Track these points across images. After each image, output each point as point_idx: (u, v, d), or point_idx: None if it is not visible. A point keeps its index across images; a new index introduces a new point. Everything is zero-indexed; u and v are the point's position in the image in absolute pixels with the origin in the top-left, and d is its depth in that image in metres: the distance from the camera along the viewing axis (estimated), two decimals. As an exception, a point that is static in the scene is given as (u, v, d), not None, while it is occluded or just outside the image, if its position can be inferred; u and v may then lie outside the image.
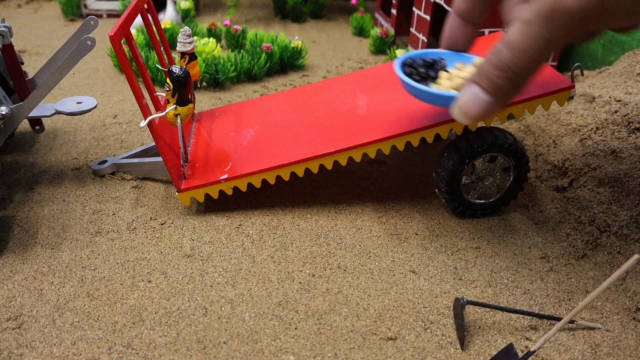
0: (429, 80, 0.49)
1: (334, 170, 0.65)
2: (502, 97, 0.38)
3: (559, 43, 0.35)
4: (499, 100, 0.38)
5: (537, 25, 0.34)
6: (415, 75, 0.49)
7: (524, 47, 0.35)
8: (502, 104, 0.38)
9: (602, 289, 0.37)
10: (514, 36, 0.35)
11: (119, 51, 0.46)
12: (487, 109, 0.38)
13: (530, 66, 0.36)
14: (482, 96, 0.38)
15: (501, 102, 0.38)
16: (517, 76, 0.36)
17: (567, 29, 0.33)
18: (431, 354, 0.41)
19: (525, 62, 0.36)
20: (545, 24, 0.34)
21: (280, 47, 0.92)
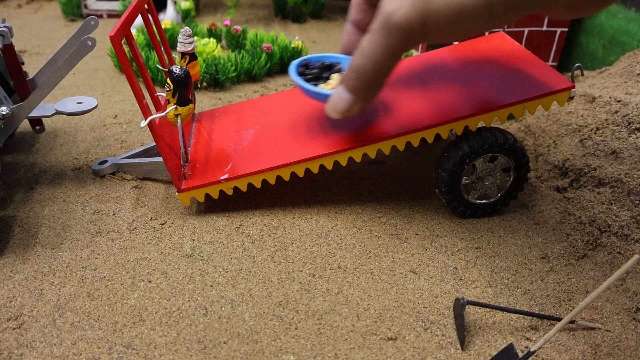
0: (320, 81, 0.54)
1: (334, 170, 0.65)
2: (360, 96, 0.44)
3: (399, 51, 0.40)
4: (358, 99, 0.44)
5: (378, 35, 0.40)
6: (309, 75, 0.55)
7: (370, 54, 0.41)
8: (362, 102, 0.45)
9: (602, 289, 0.37)
10: (364, 43, 0.41)
11: (119, 51, 0.46)
12: (348, 106, 0.45)
13: (378, 70, 0.42)
14: (345, 95, 0.44)
15: (361, 100, 0.44)
16: (369, 78, 0.43)
17: (400, 40, 0.39)
18: (431, 354, 0.41)
19: (373, 66, 0.41)
20: (383, 34, 0.39)
21: (280, 47, 0.92)
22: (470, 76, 0.58)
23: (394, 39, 0.39)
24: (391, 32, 0.39)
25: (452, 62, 0.62)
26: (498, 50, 0.61)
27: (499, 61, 0.59)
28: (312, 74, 0.55)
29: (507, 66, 0.58)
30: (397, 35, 0.39)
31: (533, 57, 0.57)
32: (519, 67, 0.57)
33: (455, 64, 0.62)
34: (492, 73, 0.57)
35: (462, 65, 0.61)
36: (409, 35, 0.38)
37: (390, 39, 0.39)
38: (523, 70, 0.56)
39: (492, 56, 0.61)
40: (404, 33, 0.38)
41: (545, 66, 0.55)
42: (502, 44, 0.62)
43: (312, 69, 0.55)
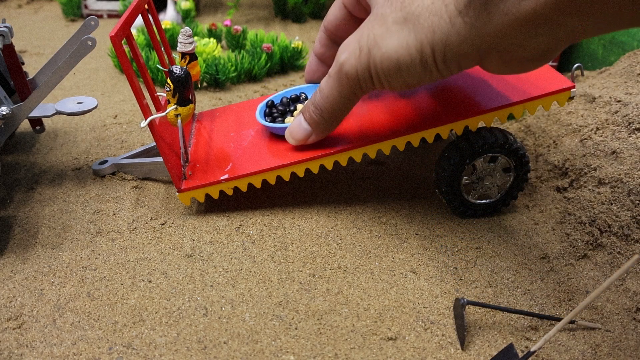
0: (287, 115, 0.59)
1: (334, 170, 0.65)
2: (317, 128, 0.49)
3: (353, 96, 0.44)
4: (315, 130, 0.49)
5: (333, 80, 0.44)
6: (275, 113, 0.59)
7: (327, 95, 0.45)
8: (319, 134, 0.49)
9: (602, 289, 0.37)
10: (323, 83, 0.45)
11: (119, 51, 0.46)
12: (306, 135, 0.49)
13: (334, 110, 0.46)
14: (304, 125, 0.49)
15: (318, 132, 0.49)
16: (327, 115, 0.47)
17: (352, 88, 0.43)
18: (431, 354, 0.41)
19: (330, 106, 0.46)
20: (337, 81, 0.43)
21: (280, 48, 0.92)
22: (470, 76, 0.58)
23: (346, 86, 0.43)
24: (343, 80, 0.42)
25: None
26: (498, 50, 0.61)
27: (499, 61, 0.59)
28: (279, 111, 0.59)
29: (507, 66, 0.57)
30: (349, 83, 0.42)
31: (533, 57, 0.57)
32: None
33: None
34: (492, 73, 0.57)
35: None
36: (360, 84, 0.42)
37: (343, 85, 0.43)
38: (523, 70, 0.56)
39: (492, 56, 0.60)
40: (354, 82, 0.42)
41: (545, 66, 0.55)
42: (502, 44, 0.62)
43: (278, 107, 0.60)
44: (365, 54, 0.40)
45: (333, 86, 0.44)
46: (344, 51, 0.42)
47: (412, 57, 0.39)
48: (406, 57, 0.39)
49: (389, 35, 0.39)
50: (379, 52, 0.40)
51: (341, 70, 0.42)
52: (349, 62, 0.41)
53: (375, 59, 0.40)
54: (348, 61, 0.41)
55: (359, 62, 0.40)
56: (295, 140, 0.50)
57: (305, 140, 0.49)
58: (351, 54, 0.41)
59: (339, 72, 0.42)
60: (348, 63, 0.41)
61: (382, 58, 0.40)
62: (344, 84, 0.42)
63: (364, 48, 0.40)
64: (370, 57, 0.40)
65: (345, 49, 0.42)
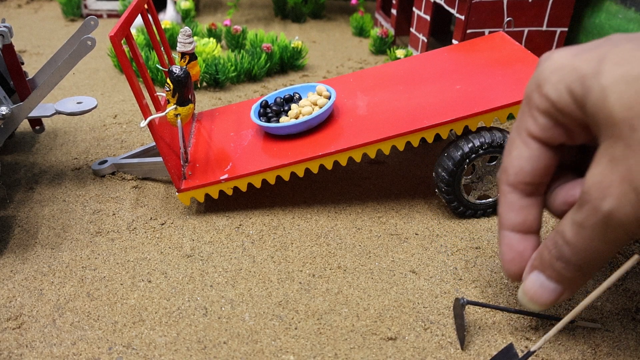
0: (282, 114, 0.59)
1: (334, 170, 0.65)
2: (573, 284, 0.37)
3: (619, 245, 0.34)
4: (570, 287, 0.37)
5: (593, 232, 0.34)
6: (270, 113, 0.59)
7: (586, 249, 0.35)
8: (574, 289, 0.38)
9: (603, 289, 0.36)
10: (570, 236, 0.35)
11: (119, 51, 0.46)
12: (557, 295, 0.38)
13: (600, 261, 0.36)
14: (550, 285, 0.37)
15: (574, 287, 0.37)
16: (588, 269, 0.36)
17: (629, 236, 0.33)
18: (431, 354, 0.41)
19: (593, 260, 0.35)
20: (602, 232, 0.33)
21: (280, 47, 0.92)
22: (470, 76, 0.58)
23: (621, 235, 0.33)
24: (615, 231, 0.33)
25: (452, 62, 0.62)
26: (498, 50, 0.62)
27: (498, 61, 0.59)
28: (273, 112, 0.59)
29: (507, 66, 0.58)
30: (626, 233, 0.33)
31: (533, 57, 0.57)
32: (519, 67, 0.57)
33: (455, 63, 0.62)
34: (492, 73, 0.57)
35: (462, 65, 0.61)
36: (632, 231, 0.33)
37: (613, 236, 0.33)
38: (523, 70, 0.56)
39: (492, 56, 0.61)
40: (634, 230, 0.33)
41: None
42: (502, 44, 0.62)
43: (272, 107, 0.60)
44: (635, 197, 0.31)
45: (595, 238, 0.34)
46: (604, 196, 0.32)
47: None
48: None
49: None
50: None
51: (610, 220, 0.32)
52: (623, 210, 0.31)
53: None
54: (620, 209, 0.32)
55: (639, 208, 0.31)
56: (543, 305, 0.38)
57: (556, 302, 0.38)
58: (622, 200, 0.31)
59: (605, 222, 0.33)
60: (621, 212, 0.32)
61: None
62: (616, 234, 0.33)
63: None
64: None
65: (604, 193, 0.32)
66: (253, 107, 0.60)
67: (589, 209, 0.33)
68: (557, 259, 0.36)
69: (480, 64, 0.60)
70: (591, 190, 0.32)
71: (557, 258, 0.36)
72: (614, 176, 0.31)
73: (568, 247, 0.35)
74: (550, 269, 0.37)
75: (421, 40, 0.89)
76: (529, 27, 0.75)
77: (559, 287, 0.37)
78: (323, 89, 0.60)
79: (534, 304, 0.38)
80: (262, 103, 0.61)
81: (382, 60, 1.00)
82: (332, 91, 0.59)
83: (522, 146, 0.37)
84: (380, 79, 0.63)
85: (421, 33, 0.89)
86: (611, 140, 0.32)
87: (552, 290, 0.37)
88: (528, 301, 0.38)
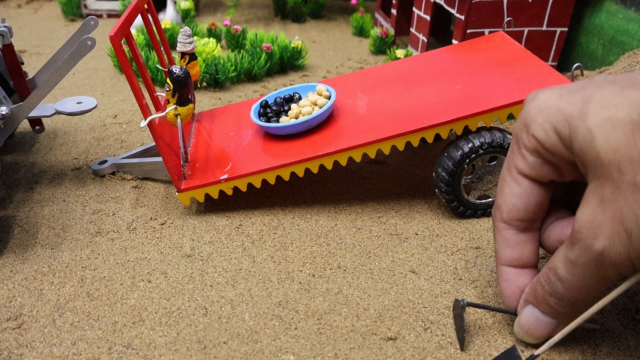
0: (282, 114, 0.59)
1: (334, 170, 0.65)
2: (566, 318, 0.38)
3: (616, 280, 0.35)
4: (563, 320, 0.38)
5: (586, 270, 0.35)
6: (270, 113, 0.60)
7: (578, 285, 0.36)
8: (566, 322, 0.39)
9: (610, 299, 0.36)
10: (563, 273, 0.36)
11: (119, 51, 0.46)
12: (551, 329, 0.39)
13: (592, 297, 0.36)
14: (544, 319, 0.39)
15: (566, 321, 0.38)
16: (582, 305, 0.37)
17: (619, 273, 0.34)
18: (431, 354, 0.41)
19: (585, 296, 0.36)
20: (594, 270, 0.34)
21: (280, 47, 0.92)
22: (470, 76, 0.58)
23: (611, 273, 0.34)
24: (606, 269, 0.34)
25: (452, 62, 0.62)
26: (498, 50, 0.61)
27: (498, 61, 0.59)
28: (273, 112, 0.59)
29: (507, 66, 0.58)
30: (616, 271, 0.34)
31: (533, 57, 0.57)
32: (519, 67, 0.57)
33: (455, 63, 0.62)
34: (492, 73, 0.57)
35: (462, 65, 0.61)
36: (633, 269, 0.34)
37: (605, 273, 0.34)
38: (523, 70, 0.56)
39: (492, 56, 0.61)
40: (625, 268, 0.34)
41: (545, 66, 0.55)
42: (502, 44, 0.62)
43: (272, 107, 0.60)
44: (638, 238, 0.32)
45: (586, 275, 0.35)
46: (596, 236, 0.33)
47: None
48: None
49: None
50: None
51: (602, 259, 0.33)
52: (614, 249, 0.32)
53: None
54: (612, 248, 0.33)
55: (630, 249, 0.32)
56: (538, 338, 0.40)
57: (552, 334, 0.39)
58: (614, 240, 0.32)
59: (597, 261, 0.34)
60: (613, 251, 0.33)
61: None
62: (608, 272, 0.34)
63: (633, 231, 0.32)
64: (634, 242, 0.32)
65: (596, 232, 0.33)
66: (253, 107, 0.60)
67: (581, 247, 0.34)
68: (551, 294, 0.37)
69: (480, 64, 0.60)
70: (582, 230, 0.33)
71: (551, 294, 0.37)
72: (604, 217, 0.33)
73: (561, 283, 0.36)
74: (544, 304, 0.38)
75: (421, 40, 0.89)
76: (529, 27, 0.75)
77: (554, 321, 0.38)
78: (323, 89, 0.60)
79: (530, 337, 0.40)
80: (262, 103, 0.61)
81: (382, 60, 1.00)
82: (332, 91, 0.59)
83: (514, 184, 0.39)
84: (380, 79, 0.63)
85: (421, 33, 0.89)
86: (600, 180, 0.33)
87: (546, 324, 0.39)
88: (524, 335, 0.40)
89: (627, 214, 0.32)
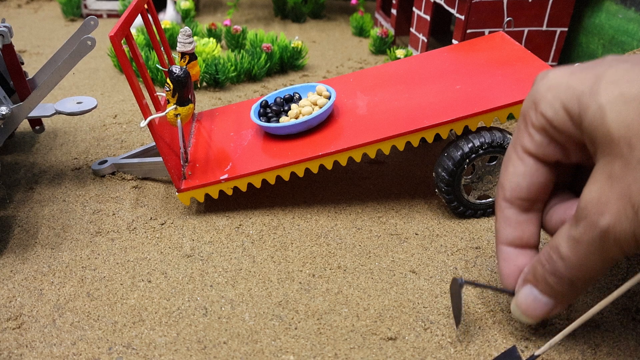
0: (282, 114, 0.59)
1: (334, 170, 0.65)
2: (565, 299, 0.38)
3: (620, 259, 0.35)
4: (561, 301, 0.38)
5: (589, 247, 0.34)
6: (270, 113, 0.60)
7: (580, 264, 0.35)
8: (565, 303, 0.38)
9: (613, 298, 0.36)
10: (566, 251, 0.35)
11: (119, 51, 0.46)
12: (548, 310, 0.38)
13: (593, 277, 0.36)
14: (542, 299, 0.38)
15: (565, 302, 0.38)
16: (581, 285, 0.36)
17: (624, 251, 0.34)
18: (431, 354, 0.41)
19: (586, 275, 0.36)
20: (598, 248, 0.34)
21: (280, 47, 0.92)
22: (470, 76, 0.58)
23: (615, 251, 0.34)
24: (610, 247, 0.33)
25: (452, 62, 0.62)
26: (498, 50, 0.62)
27: (498, 61, 0.59)
28: (273, 112, 0.60)
29: (507, 66, 0.58)
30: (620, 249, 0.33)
31: (533, 57, 0.57)
32: (519, 67, 0.57)
33: (455, 63, 0.62)
34: (492, 73, 0.57)
35: (462, 65, 0.61)
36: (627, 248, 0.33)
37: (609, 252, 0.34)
38: (523, 70, 0.56)
39: (492, 56, 0.61)
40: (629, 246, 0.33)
41: (545, 66, 0.55)
42: (502, 44, 0.62)
43: (272, 107, 0.60)
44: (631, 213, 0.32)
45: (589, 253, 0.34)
46: (602, 212, 0.32)
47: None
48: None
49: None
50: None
51: (607, 236, 0.33)
52: (620, 226, 0.32)
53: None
54: (618, 225, 0.32)
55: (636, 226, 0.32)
56: (535, 318, 0.39)
57: (547, 316, 0.39)
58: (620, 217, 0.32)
59: (602, 238, 0.33)
60: (618, 228, 0.32)
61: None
62: (612, 250, 0.33)
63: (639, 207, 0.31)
64: None
65: (602, 209, 0.32)
66: (253, 107, 0.60)
67: (586, 224, 0.33)
68: (551, 273, 0.36)
69: (480, 64, 0.60)
70: (589, 206, 0.33)
71: (551, 273, 0.36)
72: (612, 193, 0.32)
73: (562, 262, 0.36)
74: (543, 283, 0.37)
75: (421, 40, 0.89)
76: (529, 27, 0.75)
77: (552, 302, 0.38)
78: (323, 89, 0.60)
79: (527, 317, 0.39)
80: (262, 103, 0.61)
81: (382, 60, 1.00)
82: (332, 91, 0.59)
83: (519, 162, 0.38)
84: (380, 79, 0.63)
85: (421, 33, 0.89)
86: (609, 157, 0.32)
87: (544, 304, 0.38)
88: (520, 314, 0.39)
89: (635, 191, 0.31)
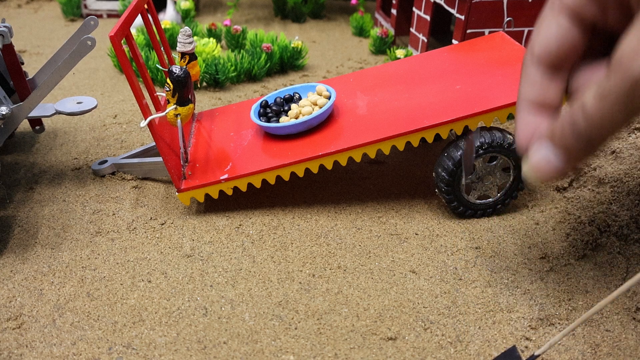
0: (282, 114, 0.59)
1: (334, 170, 0.65)
2: (578, 156, 0.36)
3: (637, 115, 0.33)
4: (574, 160, 0.37)
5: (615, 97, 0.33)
6: (270, 113, 0.60)
7: (601, 120, 0.34)
8: (577, 163, 0.37)
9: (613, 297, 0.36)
10: (590, 106, 0.34)
11: (119, 51, 0.46)
12: (558, 169, 0.37)
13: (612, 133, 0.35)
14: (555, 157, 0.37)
15: (577, 161, 0.37)
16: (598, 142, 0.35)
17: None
18: (431, 354, 0.41)
19: (601, 132, 0.35)
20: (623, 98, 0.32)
21: (280, 47, 0.92)
22: (470, 76, 0.58)
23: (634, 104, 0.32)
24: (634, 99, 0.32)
25: (452, 62, 0.62)
26: (498, 50, 0.62)
27: (498, 61, 0.59)
28: (273, 112, 0.59)
29: (507, 66, 0.58)
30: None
31: (533, 57, 0.57)
32: (519, 67, 0.57)
33: (455, 63, 0.62)
34: (492, 73, 0.57)
35: (462, 65, 0.61)
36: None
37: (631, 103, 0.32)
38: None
39: (492, 56, 0.61)
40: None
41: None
42: (502, 44, 0.62)
43: (272, 107, 0.60)
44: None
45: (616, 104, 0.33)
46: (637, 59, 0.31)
47: None
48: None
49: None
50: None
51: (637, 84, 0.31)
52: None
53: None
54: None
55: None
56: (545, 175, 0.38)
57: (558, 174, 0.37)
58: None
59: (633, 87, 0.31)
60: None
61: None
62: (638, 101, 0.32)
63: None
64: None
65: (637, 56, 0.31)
66: (253, 107, 0.60)
67: (618, 73, 0.32)
68: (570, 127, 0.35)
69: (480, 64, 0.60)
70: (624, 54, 0.31)
71: (570, 126, 0.35)
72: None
73: (584, 117, 0.34)
74: (559, 138, 0.36)
75: (421, 40, 0.89)
76: (529, 27, 0.75)
77: (564, 160, 0.36)
78: (323, 89, 0.60)
79: (536, 174, 0.37)
80: (262, 103, 0.61)
81: (382, 60, 1.00)
82: (332, 91, 0.59)
83: (552, 21, 0.37)
84: (380, 79, 0.63)
85: (421, 33, 0.89)
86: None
87: (557, 163, 0.37)
88: (530, 170, 0.38)
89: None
